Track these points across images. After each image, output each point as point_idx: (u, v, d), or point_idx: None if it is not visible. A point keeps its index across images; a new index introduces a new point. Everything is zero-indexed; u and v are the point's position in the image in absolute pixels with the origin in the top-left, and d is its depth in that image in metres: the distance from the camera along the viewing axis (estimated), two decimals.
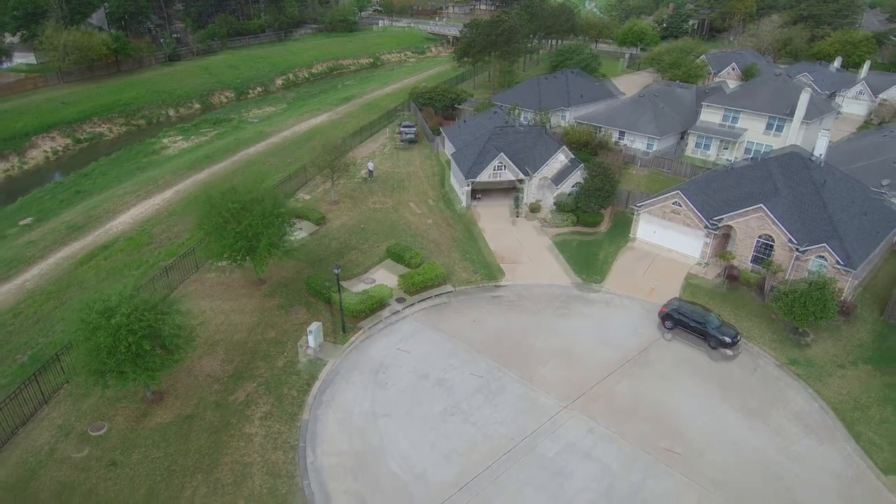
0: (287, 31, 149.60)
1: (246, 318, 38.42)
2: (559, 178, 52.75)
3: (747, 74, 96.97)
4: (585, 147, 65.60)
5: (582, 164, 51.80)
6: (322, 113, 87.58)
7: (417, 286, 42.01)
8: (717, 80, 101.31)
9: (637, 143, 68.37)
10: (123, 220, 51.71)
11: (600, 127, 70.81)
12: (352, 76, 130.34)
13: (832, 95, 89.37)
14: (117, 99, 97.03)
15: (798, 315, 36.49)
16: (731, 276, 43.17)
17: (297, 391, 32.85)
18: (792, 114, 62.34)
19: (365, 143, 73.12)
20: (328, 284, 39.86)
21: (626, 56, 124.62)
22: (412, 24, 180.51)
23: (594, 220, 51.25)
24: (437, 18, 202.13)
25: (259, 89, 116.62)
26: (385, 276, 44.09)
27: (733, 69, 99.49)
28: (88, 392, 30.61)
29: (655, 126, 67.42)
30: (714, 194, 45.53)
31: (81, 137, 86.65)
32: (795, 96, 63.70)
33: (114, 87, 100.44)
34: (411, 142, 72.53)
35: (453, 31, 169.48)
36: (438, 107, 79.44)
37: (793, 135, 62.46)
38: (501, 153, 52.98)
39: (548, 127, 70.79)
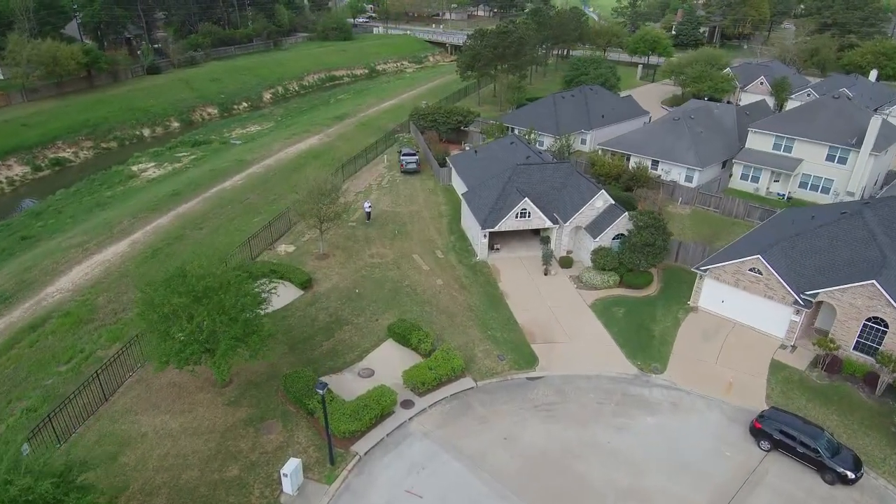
0: (277, 39, 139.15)
1: (201, 442, 28.19)
2: (597, 227, 42.77)
3: (778, 89, 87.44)
4: (616, 180, 55.87)
5: (626, 214, 41.79)
6: (312, 135, 77.35)
7: (429, 384, 31.97)
8: (743, 93, 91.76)
9: (673, 174, 58.53)
10: (63, 286, 41.33)
11: (628, 154, 61.00)
12: (346, 88, 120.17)
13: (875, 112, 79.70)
14: (86, 118, 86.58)
15: None
16: (832, 367, 33.28)
17: None
18: (859, 143, 52.55)
19: (360, 172, 63.02)
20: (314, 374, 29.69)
21: (640, 66, 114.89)
22: (409, 31, 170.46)
23: (642, 281, 41.24)
24: (434, 25, 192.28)
25: (245, 104, 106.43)
26: (386, 365, 34.04)
27: (762, 83, 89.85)
28: None
29: (695, 154, 57.57)
30: (802, 259, 35.57)
31: (43, 164, 76.23)
32: (860, 122, 54.01)
33: (83, 105, 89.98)
34: (413, 172, 62.50)
35: (452, 38, 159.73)
36: (443, 129, 69.37)
37: (860, 167, 52.71)
38: (526, 198, 43.00)
39: (567, 153, 61.06)
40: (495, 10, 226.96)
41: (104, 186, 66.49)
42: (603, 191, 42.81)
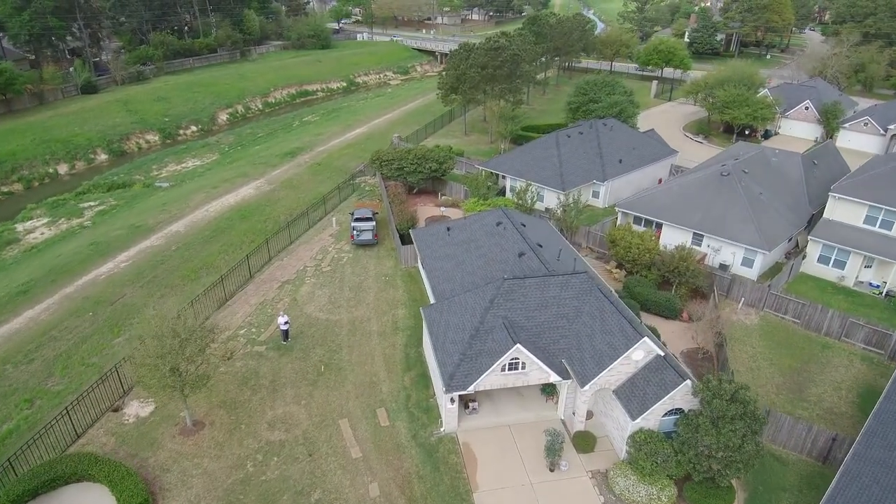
0: (245, 49, 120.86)
1: None
2: (637, 397, 25.01)
3: (828, 116, 69.65)
4: (648, 270, 38.18)
5: (687, 384, 24.00)
6: (249, 179, 59.31)
7: None
8: (784, 120, 73.86)
9: (724, 255, 40.83)
10: None
11: (658, 222, 43.32)
12: (317, 107, 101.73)
13: None
14: None
15: None
16: None
17: None
18: None
19: (295, 247, 45.10)
20: None
21: (655, 82, 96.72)
22: (396, 38, 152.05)
23: (719, 502, 23.46)
24: (425, 30, 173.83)
25: (194, 128, 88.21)
26: None
27: (807, 108, 71.89)
28: None
29: (757, 229, 39.74)
30: None
31: None
32: None
33: None
34: (368, 244, 44.76)
35: (442, 45, 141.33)
36: (413, 180, 51.54)
37: None
38: (518, 345, 25.24)
39: (575, 217, 43.46)
40: (490, 14, 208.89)
41: None
42: (645, 339, 24.94)
